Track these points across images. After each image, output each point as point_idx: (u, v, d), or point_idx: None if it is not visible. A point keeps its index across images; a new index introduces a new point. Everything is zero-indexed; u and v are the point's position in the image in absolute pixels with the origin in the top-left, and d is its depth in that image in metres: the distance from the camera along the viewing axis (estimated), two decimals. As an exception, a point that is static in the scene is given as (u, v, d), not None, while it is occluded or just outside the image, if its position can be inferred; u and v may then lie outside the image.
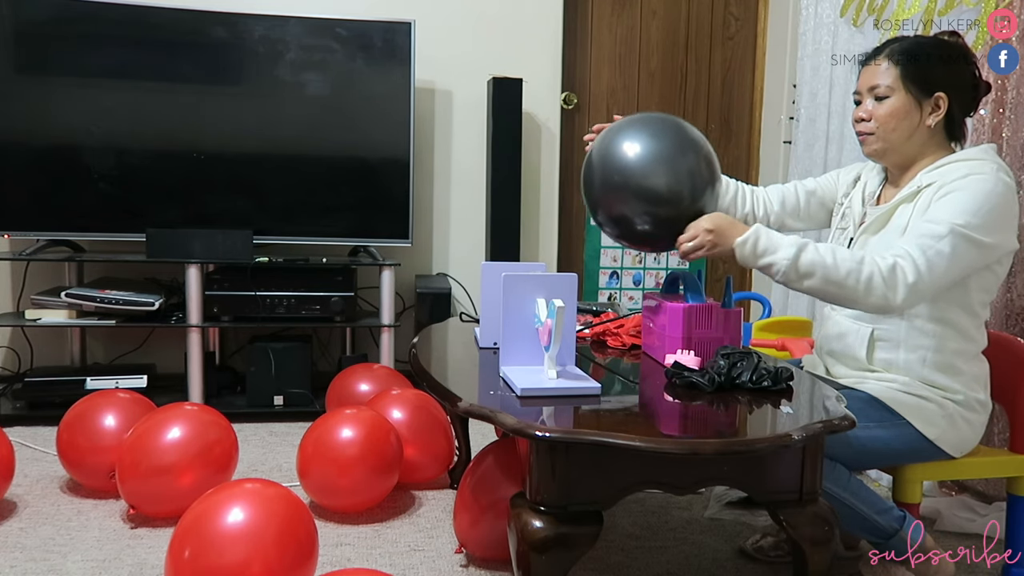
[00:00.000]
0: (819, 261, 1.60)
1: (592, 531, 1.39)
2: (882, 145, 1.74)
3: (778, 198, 2.02)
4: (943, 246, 1.58)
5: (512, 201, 3.40)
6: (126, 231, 3.05)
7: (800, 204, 2.01)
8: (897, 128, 1.71)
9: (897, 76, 1.70)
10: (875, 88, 1.72)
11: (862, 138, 1.76)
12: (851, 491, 1.64)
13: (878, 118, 1.72)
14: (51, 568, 1.86)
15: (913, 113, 1.70)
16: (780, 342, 2.44)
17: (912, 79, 1.69)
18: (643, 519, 2.21)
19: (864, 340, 1.75)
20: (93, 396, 2.34)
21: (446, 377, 1.75)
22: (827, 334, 1.86)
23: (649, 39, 3.80)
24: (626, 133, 1.76)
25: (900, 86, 1.70)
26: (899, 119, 1.71)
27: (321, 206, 3.21)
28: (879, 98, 1.72)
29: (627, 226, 1.76)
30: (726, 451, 1.38)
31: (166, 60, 3.06)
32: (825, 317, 1.91)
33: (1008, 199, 1.62)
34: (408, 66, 3.17)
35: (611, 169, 1.74)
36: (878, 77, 1.72)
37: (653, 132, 1.74)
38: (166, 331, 3.28)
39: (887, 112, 1.71)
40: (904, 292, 1.58)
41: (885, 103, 1.71)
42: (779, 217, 2.02)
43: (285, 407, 3.01)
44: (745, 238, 1.66)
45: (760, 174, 3.86)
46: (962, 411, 1.70)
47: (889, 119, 1.71)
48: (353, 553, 1.98)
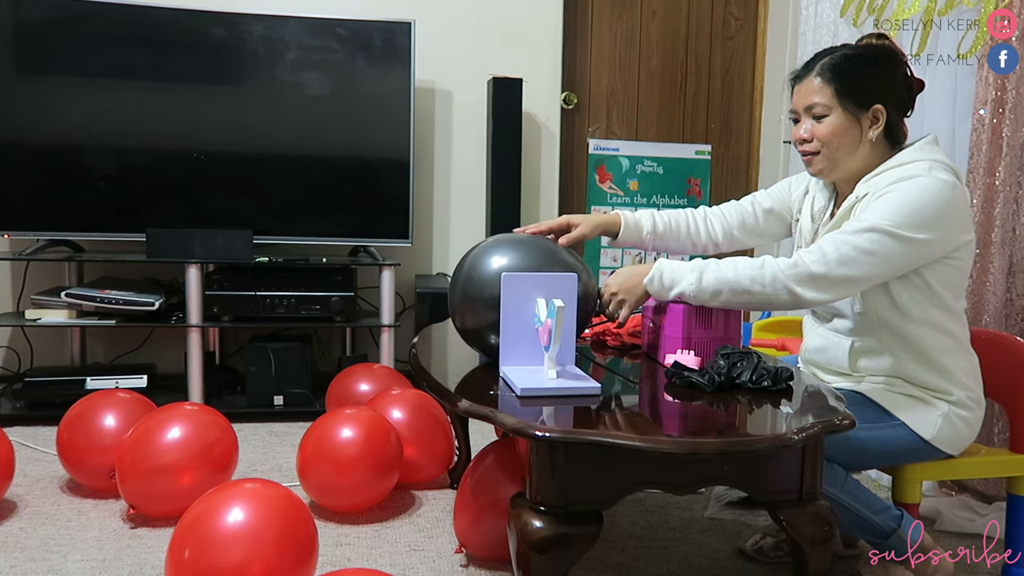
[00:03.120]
0: (721, 277, 1.64)
1: (592, 531, 1.39)
2: (828, 164, 1.72)
3: (737, 219, 2.02)
4: (861, 241, 1.58)
5: (512, 201, 3.40)
6: (126, 231, 3.06)
7: (760, 223, 2.01)
8: (840, 146, 1.69)
9: (832, 94, 1.68)
10: (811, 107, 1.70)
11: (807, 159, 1.74)
12: (848, 491, 1.64)
13: (820, 137, 1.70)
14: (51, 568, 1.86)
15: (853, 129, 1.69)
16: (780, 342, 2.44)
17: (847, 96, 1.67)
18: (643, 519, 2.21)
19: (845, 352, 1.75)
20: (93, 396, 2.34)
21: (446, 377, 1.75)
22: (809, 347, 1.87)
23: (649, 39, 3.80)
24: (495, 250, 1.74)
25: (836, 104, 1.68)
26: (841, 137, 1.69)
27: (321, 206, 3.21)
28: (817, 117, 1.70)
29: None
30: (726, 451, 1.38)
31: (166, 60, 3.06)
32: (807, 330, 1.91)
33: (943, 194, 1.60)
34: (408, 66, 3.17)
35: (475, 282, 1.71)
36: (813, 95, 1.69)
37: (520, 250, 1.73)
38: (166, 331, 3.28)
39: (828, 131, 1.68)
40: (809, 284, 1.60)
41: (824, 122, 1.69)
42: (739, 239, 2.03)
43: (285, 407, 3.01)
44: (651, 277, 1.71)
45: (760, 174, 3.87)
46: (957, 410, 1.69)
47: (831, 138, 1.69)
48: (353, 553, 1.98)
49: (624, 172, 3.80)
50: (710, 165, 3.89)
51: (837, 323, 1.78)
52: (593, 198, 3.77)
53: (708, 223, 2.03)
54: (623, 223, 1.99)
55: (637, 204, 3.80)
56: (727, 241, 2.03)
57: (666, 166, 3.84)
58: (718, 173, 3.91)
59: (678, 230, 2.02)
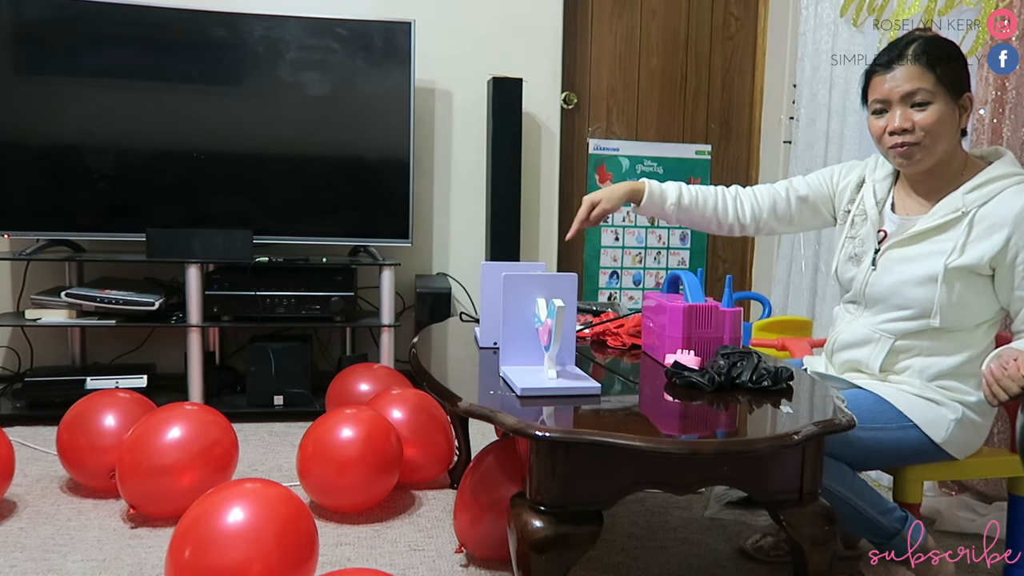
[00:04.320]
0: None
1: (592, 531, 1.39)
2: (927, 155, 1.64)
3: (768, 203, 1.95)
4: None
5: (512, 201, 3.40)
6: (126, 231, 3.05)
7: (792, 211, 1.94)
8: (943, 134, 1.62)
9: (935, 80, 1.60)
10: (913, 94, 1.61)
11: (904, 150, 1.64)
12: (855, 491, 1.64)
13: (925, 127, 1.61)
14: (51, 568, 1.86)
15: (953, 117, 1.63)
16: (780, 342, 2.44)
17: (948, 82, 1.61)
18: (643, 519, 2.21)
19: (883, 352, 1.72)
20: (93, 396, 2.34)
21: (446, 377, 1.75)
22: (843, 340, 1.81)
23: (649, 39, 3.80)
24: None
25: (940, 90, 1.60)
26: (944, 125, 1.61)
27: (321, 206, 3.21)
28: (918, 104, 1.62)
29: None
30: (726, 451, 1.38)
31: (166, 60, 3.06)
32: (838, 319, 1.86)
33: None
34: (408, 66, 3.17)
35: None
36: (914, 81, 1.61)
37: None
38: (166, 331, 3.28)
39: (934, 119, 1.60)
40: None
41: (929, 109, 1.61)
42: (768, 224, 1.97)
43: (285, 407, 3.01)
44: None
45: (760, 174, 3.87)
46: (971, 415, 1.69)
47: (936, 126, 1.60)
48: (353, 553, 1.98)
49: (624, 172, 3.81)
50: (710, 165, 3.90)
51: (884, 317, 1.73)
52: (593, 198, 3.77)
53: (738, 203, 1.96)
54: (647, 192, 1.93)
55: (637, 204, 3.80)
56: (754, 224, 1.96)
57: (666, 166, 3.85)
58: (718, 173, 3.90)
59: (704, 206, 1.95)
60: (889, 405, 1.68)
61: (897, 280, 1.70)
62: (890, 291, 1.71)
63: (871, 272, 1.75)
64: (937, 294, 1.63)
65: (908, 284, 1.68)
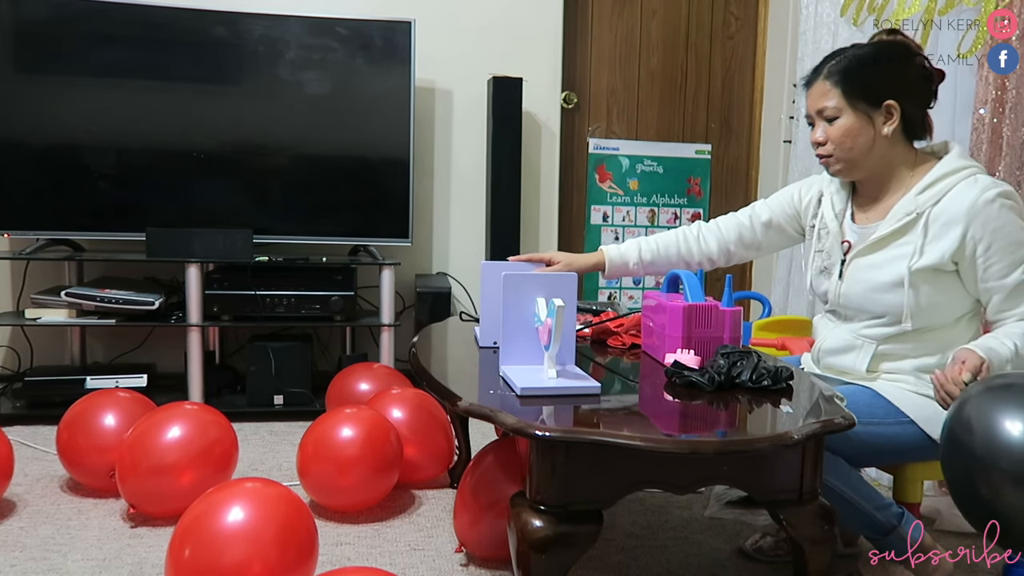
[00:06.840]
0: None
1: (592, 530, 1.39)
2: (844, 165, 1.73)
3: (734, 235, 2.00)
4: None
5: (512, 201, 3.40)
6: (126, 230, 3.06)
7: (757, 237, 1.99)
8: (854, 146, 1.69)
9: (840, 96, 1.68)
10: (823, 111, 1.71)
11: (823, 161, 1.75)
12: (852, 486, 1.64)
13: (833, 140, 1.70)
14: (51, 567, 1.86)
15: (866, 128, 1.69)
16: (780, 341, 2.44)
17: (856, 96, 1.68)
18: (643, 519, 2.21)
19: (867, 357, 1.74)
20: (93, 395, 2.34)
21: (446, 376, 1.75)
22: (827, 347, 1.83)
23: (649, 38, 3.80)
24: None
25: (846, 104, 1.68)
26: (854, 137, 1.69)
27: (321, 205, 3.21)
28: (829, 119, 1.70)
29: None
30: (726, 451, 1.38)
31: (166, 60, 3.06)
32: (822, 328, 1.88)
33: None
34: (408, 65, 3.17)
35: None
36: (823, 99, 1.70)
37: None
38: (166, 330, 3.28)
39: (840, 133, 1.69)
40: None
41: (836, 124, 1.69)
42: (736, 254, 2.02)
43: (285, 406, 3.01)
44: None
45: (760, 174, 3.87)
46: None
47: (844, 139, 1.69)
48: (353, 552, 1.98)
49: (624, 171, 3.81)
50: (710, 164, 3.90)
51: (863, 324, 1.75)
52: (593, 197, 3.77)
53: (701, 241, 2.02)
54: (607, 262, 2.03)
55: (637, 203, 3.80)
56: (723, 257, 2.02)
57: (666, 165, 3.85)
58: (718, 172, 3.91)
59: (667, 253, 2.02)
60: (886, 401, 1.69)
61: (865, 288, 1.72)
62: (862, 299, 1.73)
63: (840, 284, 1.77)
64: (905, 298, 1.66)
65: (877, 291, 1.70)
